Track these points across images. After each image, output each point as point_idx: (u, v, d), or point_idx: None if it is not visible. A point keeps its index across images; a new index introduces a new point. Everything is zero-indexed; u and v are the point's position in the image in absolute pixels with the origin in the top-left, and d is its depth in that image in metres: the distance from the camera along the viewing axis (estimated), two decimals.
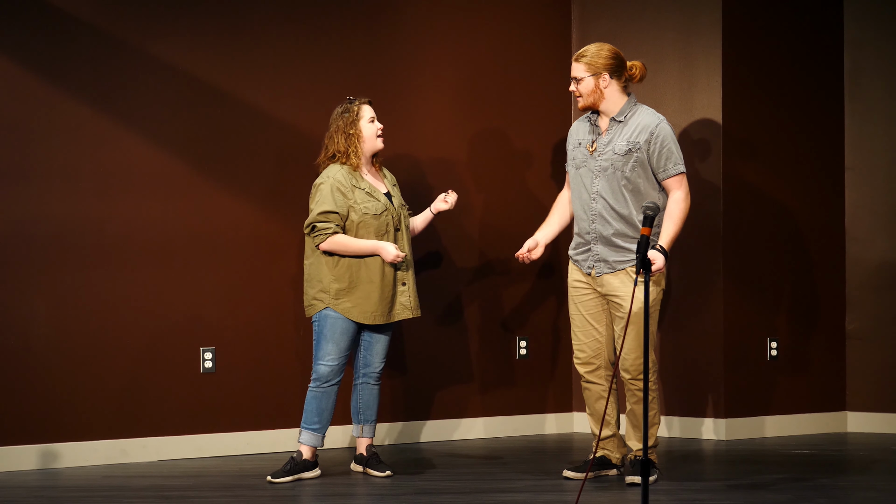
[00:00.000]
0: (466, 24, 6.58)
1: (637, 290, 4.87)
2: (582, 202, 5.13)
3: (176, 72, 5.82)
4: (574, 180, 5.17)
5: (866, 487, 5.03)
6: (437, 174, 6.47)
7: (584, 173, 5.12)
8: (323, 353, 5.25)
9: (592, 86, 5.06)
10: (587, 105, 5.10)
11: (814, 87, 6.80)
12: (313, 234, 5.24)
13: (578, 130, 5.21)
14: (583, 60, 5.08)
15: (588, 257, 5.13)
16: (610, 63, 5.07)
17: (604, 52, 5.08)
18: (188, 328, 5.82)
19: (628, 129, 5.06)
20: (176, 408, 5.78)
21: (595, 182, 5.07)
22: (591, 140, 5.11)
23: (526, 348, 6.72)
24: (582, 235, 5.15)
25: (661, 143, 5.03)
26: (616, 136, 5.07)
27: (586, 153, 5.12)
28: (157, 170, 5.78)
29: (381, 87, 6.26)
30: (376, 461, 5.38)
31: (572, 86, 5.11)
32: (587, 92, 5.07)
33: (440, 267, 6.48)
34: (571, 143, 5.21)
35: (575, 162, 5.16)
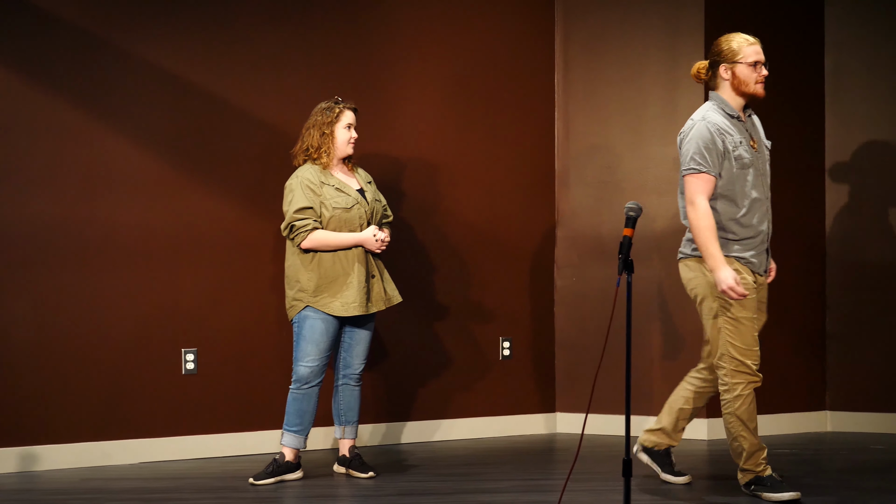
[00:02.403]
0: (451, 23, 6.58)
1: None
2: (755, 203, 4.73)
3: (159, 71, 5.79)
4: (737, 181, 4.70)
5: (847, 486, 5.05)
6: (422, 173, 6.47)
7: (754, 172, 4.73)
8: (303, 355, 5.25)
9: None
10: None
11: (795, 89, 6.83)
12: (293, 234, 5.24)
13: (728, 128, 4.72)
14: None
15: (762, 259, 4.77)
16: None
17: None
18: (170, 329, 5.79)
19: (757, 123, 4.85)
20: (157, 409, 5.76)
21: (764, 180, 4.76)
22: (750, 136, 4.76)
23: (509, 349, 6.72)
24: (757, 237, 4.74)
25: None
26: (759, 130, 4.83)
27: (751, 150, 4.73)
28: (139, 170, 5.75)
29: (365, 88, 6.25)
30: (359, 462, 5.37)
31: (764, 70, 4.73)
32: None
33: (424, 267, 6.47)
34: (730, 142, 4.70)
35: (742, 161, 4.71)
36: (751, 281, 4.74)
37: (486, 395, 6.64)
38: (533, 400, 6.79)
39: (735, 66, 4.72)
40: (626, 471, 4.00)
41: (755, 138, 4.78)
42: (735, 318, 4.70)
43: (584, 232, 6.81)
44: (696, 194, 4.66)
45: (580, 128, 6.85)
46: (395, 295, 5.42)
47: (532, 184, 6.83)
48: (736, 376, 4.74)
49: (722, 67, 4.75)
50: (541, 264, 6.83)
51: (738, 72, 4.72)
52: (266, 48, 6.04)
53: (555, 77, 6.91)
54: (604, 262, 6.70)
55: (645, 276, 6.49)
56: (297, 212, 5.22)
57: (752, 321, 4.73)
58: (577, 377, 6.79)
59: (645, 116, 6.65)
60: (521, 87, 6.80)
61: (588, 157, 6.82)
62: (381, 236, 5.28)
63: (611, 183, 6.73)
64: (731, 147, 4.70)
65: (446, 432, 6.52)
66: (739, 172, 4.71)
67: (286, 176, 5.37)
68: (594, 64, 6.79)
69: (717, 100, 4.77)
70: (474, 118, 6.64)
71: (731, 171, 4.70)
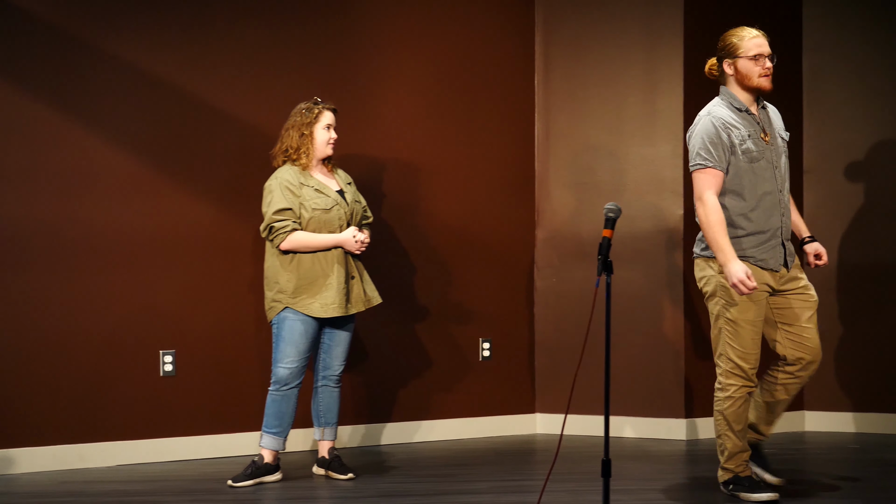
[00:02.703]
0: (431, 25, 6.58)
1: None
2: (768, 197, 4.68)
3: (136, 71, 5.77)
4: (745, 175, 4.66)
5: (824, 486, 5.07)
6: (402, 174, 6.46)
7: (765, 165, 4.68)
8: (282, 356, 5.23)
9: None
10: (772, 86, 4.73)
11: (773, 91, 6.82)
12: (272, 235, 5.23)
13: (735, 122, 4.70)
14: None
15: (776, 254, 4.69)
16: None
17: None
18: (147, 331, 5.77)
19: (773, 116, 4.80)
20: (135, 411, 5.74)
21: (777, 173, 4.71)
22: (762, 129, 4.72)
23: (489, 350, 6.72)
24: (768, 231, 4.68)
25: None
26: (774, 122, 4.78)
27: (762, 143, 4.69)
28: (116, 170, 5.73)
29: (345, 88, 6.24)
30: (338, 464, 5.36)
31: (768, 63, 4.71)
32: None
33: (403, 268, 6.47)
34: (736, 136, 4.68)
35: (750, 155, 4.67)
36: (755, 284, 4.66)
37: (465, 396, 6.63)
38: (512, 401, 6.79)
39: (737, 61, 4.73)
40: (605, 471, 4.00)
41: (768, 131, 4.74)
42: (734, 320, 4.69)
43: (563, 233, 6.82)
44: (704, 189, 4.64)
45: (560, 129, 6.86)
46: (375, 296, 5.41)
47: (512, 185, 6.84)
48: (730, 377, 4.74)
49: (725, 63, 4.76)
50: (520, 265, 6.84)
51: (740, 66, 4.72)
52: (245, 48, 6.03)
53: (535, 78, 6.92)
54: (583, 263, 6.71)
55: (624, 277, 6.50)
56: (276, 213, 5.20)
57: (752, 325, 4.69)
58: (556, 378, 6.79)
59: (624, 118, 6.66)
60: (501, 89, 6.81)
61: (568, 159, 6.83)
62: (360, 237, 5.27)
63: (590, 184, 6.74)
64: (737, 141, 4.67)
65: (426, 433, 6.52)
66: (748, 166, 4.67)
67: (265, 176, 5.36)
68: (574, 65, 6.80)
69: (725, 94, 4.78)
70: (454, 119, 6.64)
71: (739, 166, 4.66)
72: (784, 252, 4.73)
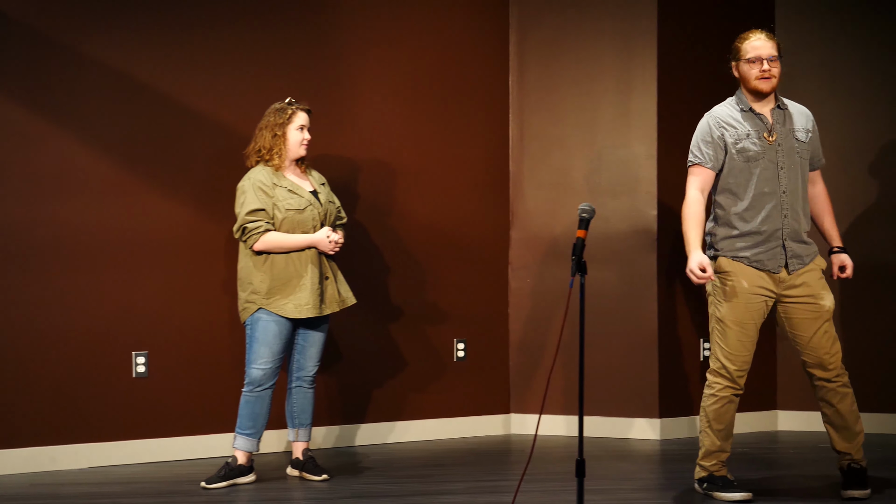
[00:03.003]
0: (406, 25, 6.57)
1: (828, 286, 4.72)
2: (765, 197, 4.69)
3: (110, 71, 5.74)
4: (740, 174, 4.71)
5: (797, 485, 5.10)
6: (377, 175, 6.45)
7: (765, 165, 4.69)
8: (256, 357, 5.22)
9: (779, 69, 4.76)
10: (773, 88, 4.73)
11: None
12: (245, 236, 5.21)
13: (734, 121, 4.75)
14: (775, 40, 4.76)
15: (774, 255, 4.70)
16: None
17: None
18: (120, 332, 5.74)
19: (795, 116, 4.79)
20: (107, 413, 5.70)
21: (781, 174, 4.70)
22: (767, 129, 4.73)
23: (464, 350, 6.72)
24: (765, 233, 4.69)
25: (817, 131, 4.86)
26: (790, 124, 4.76)
27: (764, 143, 4.70)
28: (89, 171, 5.69)
29: (320, 89, 6.22)
30: (313, 465, 5.35)
31: (766, 65, 4.70)
32: (778, 74, 4.73)
33: (378, 269, 6.46)
34: (732, 135, 4.72)
35: (746, 154, 4.70)
36: (745, 285, 4.69)
37: (440, 397, 6.63)
38: (487, 401, 6.79)
39: (739, 65, 4.80)
40: (579, 471, 4.01)
41: (775, 131, 4.74)
42: (722, 320, 4.72)
43: (538, 233, 6.83)
44: (690, 185, 4.78)
45: (534, 129, 6.87)
46: (349, 297, 5.40)
47: (486, 185, 6.84)
48: (716, 376, 4.77)
49: (732, 66, 4.85)
50: (495, 265, 6.84)
51: (741, 69, 4.79)
52: (220, 48, 6.00)
53: (509, 79, 6.92)
54: (557, 263, 6.72)
55: (598, 278, 6.51)
56: (249, 213, 5.19)
57: (739, 326, 4.70)
58: (531, 378, 6.80)
59: (598, 119, 6.68)
60: (476, 89, 6.81)
61: (542, 159, 6.84)
62: (334, 238, 5.26)
63: (564, 185, 6.75)
64: (731, 140, 4.73)
65: (401, 434, 6.51)
66: (743, 165, 4.70)
67: (239, 177, 5.34)
68: (548, 66, 6.81)
69: (737, 95, 4.85)
70: (429, 120, 6.64)
71: (733, 164, 4.71)
72: (785, 255, 4.72)
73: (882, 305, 6.74)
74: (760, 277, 4.72)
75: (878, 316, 6.73)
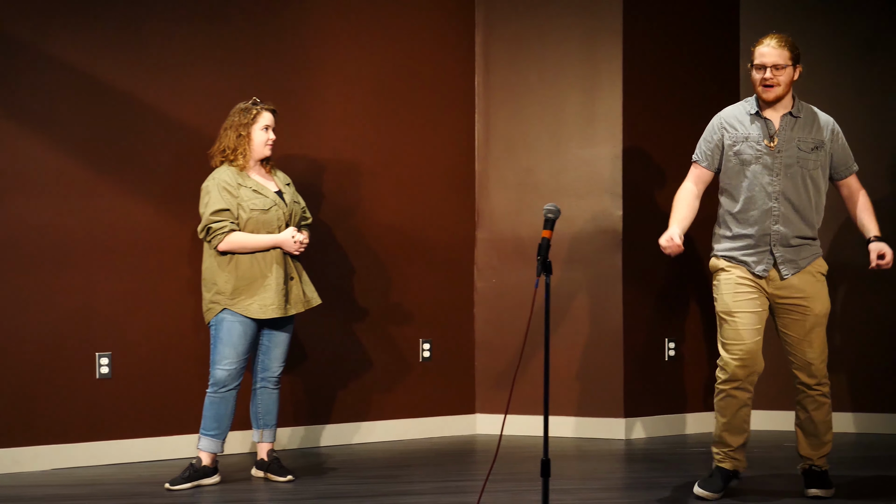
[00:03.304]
0: (371, 25, 6.56)
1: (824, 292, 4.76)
2: (757, 202, 4.75)
3: (72, 70, 5.70)
4: (736, 176, 4.77)
5: (761, 483, 5.13)
6: (342, 175, 6.44)
7: (759, 170, 4.74)
8: (220, 358, 5.19)
9: (791, 76, 4.74)
10: (779, 95, 4.74)
11: (710, 94, 6.92)
12: (210, 236, 5.19)
13: (738, 123, 4.81)
14: (787, 47, 4.74)
15: (762, 259, 4.75)
16: (799, 54, 4.82)
17: (795, 42, 4.82)
18: (83, 333, 5.70)
19: (808, 125, 4.78)
20: (71, 415, 5.66)
21: (776, 181, 4.73)
22: (770, 135, 4.75)
23: (429, 351, 6.72)
24: (754, 236, 4.76)
25: (842, 140, 4.84)
26: (797, 132, 4.76)
27: (763, 148, 4.74)
28: (50, 170, 5.65)
29: (285, 88, 6.20)
30: (277, 466, 5.33)
31: (768, 73, 4.71)
32: (786, 82, 4.72)
33: (343, 269, 6.44)
34: (731, 136, 4.80)
35: (741, 157, 4.76)
36: (734, 276, 4.75)
37: (406, 397, 6.63)
38: (453, 401, 6.80)
39: (750, 70, 4.85)
40: (544, 471, 4.01)
41: (778, 138, 4.77)
42: (718, 312, 4.82)
43: (503, 234, 6.84)
44: (687, 177, 4.93)
45: (500, 130, 6.87)
46: (315, 297, 5.39)
47: (452, 186, 6.84)
48: (719, 370, 4.83)
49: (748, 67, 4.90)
50: (461, 266, 6.84)
51: (751, 75, 4.84)
52: (183, 47, 5.97)
53: (475, 80, 6.93)
54: (523, 263, 6.73)
55: (564, 278, 6.54)
56: (213, 214, 5.16)
57: (732, 316, 4.74)
58: (496, 378, 6.81)
59: (564, 119, 6.70)
60: (442, 90, 6.81)
61: (507, 160, 6.85)
62: (299, 238, 5.24)
63: (530, 185, 6.77)
64: (729, 142, 4.81)
65: (366, 435, 6.50)
66: (739, 168, 4.78)
67: (203, 177, 5.31)
68: (514, 67, 6.83)
69: (755, 95, 4.88)
70: (394, 120, 6.63)
71: (729, 166, 4.81)
72: (774, 260, 4.75)
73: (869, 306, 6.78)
74: (751, 272, 4.79)
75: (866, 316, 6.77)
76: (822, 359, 4.81)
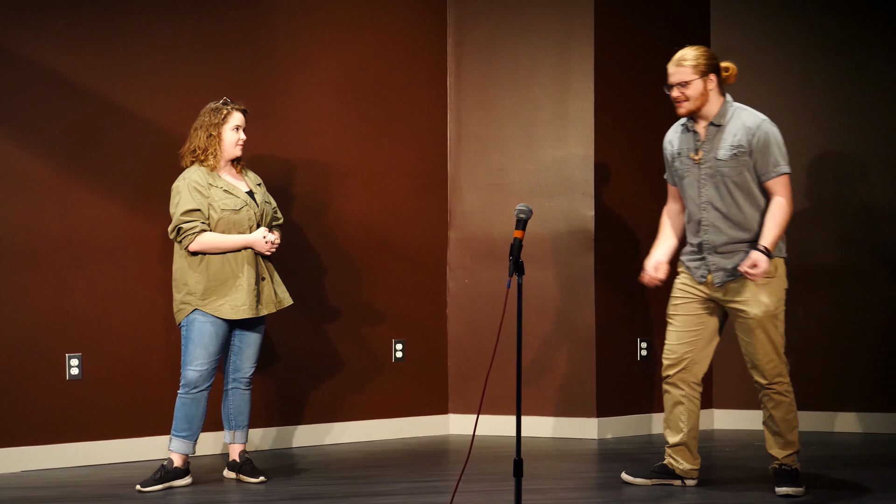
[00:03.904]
0: (344, 25, 6.55)
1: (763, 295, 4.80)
2: (691, 212, 4.96)
3: (44, 69, 5.66)
4: (681, 190, 5.00)
5: (732, 482, 5.16)
6: (314, 175, 6.43)
7: (690, 183, 4.92)
8: (192, 359, 5.17)
9: (701, 89, 4.84)
10: (691, 110, 4.86)
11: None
12: (180, 237, 5.17)
13: (674, 140, 5.01)
14: (687, 64, 4.84)
15: (701, 265, 4.93)
16: (713, 64, 4.87)
17: (706, 53, 4.88)
18: (53, 334, 5.66)
19: (730, 132, 4.85)
20: (41, 416, 5.62)
21: (702, 191, 4.89)
22: (695, 148, 4.91)
23: (402, 351, 6.72)
24: (694, 244, 4.96)
25: (764, 143, 4.82)
26: (717, 142, 4.86)
27: (689, 162, 4.92)
28: (22, 169, 5.61)
29: (256, 87, 6.19)
30: (250, 467, 5.31)
31: (675, 92, 4.85)
32: (695, 96, 4.83)
33: (315, 269, 6.43)
34: (669, 153, 5.02)
35: (678, 172, 4.97)
36: (679, 284, 5.03)
37: (378, 398, 6.62)
38: (426, 402, 6.80)
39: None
40: (517, 471, 4.02)
41: (702, 150, 4.89)
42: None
43: (475, 234, 6.84)
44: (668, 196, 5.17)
45: (472, 130, 6.88)
46: (286, 297, 5.38)
47: (424, 186, 6.84)
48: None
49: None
50: (433, 266, 6.84)
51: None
52: (156, 46, 5.95)
53: (447, 80, 6.93)
54: (495, 263, 6.73)
55: (536, 278, 6.55)
56: (184, 214, 5.14)
57: (669, 321, 5.04)
58: (469, 379, 6.81)
59: (536, 120, 6.71)
60: (414, 90, 6.80)
61: (480, 160, 6.86)
62: (270, 238, 5.23)
63: (502, 185, 6.77)
64: (669, 158, 5.06)
65: (338, 435, 6.49)
66: (679, 182, 5.02)
67: (174, 177, 5.29)
68: (486, 67, 6.83)
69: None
70: (366, 120, 6.63)
71: (676, 180, 5.05)
72: (708, 267, 4.93)
73: (811, 306, 6.83)
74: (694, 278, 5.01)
75: (807, 316, 6.82)
76: (770, 359, 4.89)
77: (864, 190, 6.86)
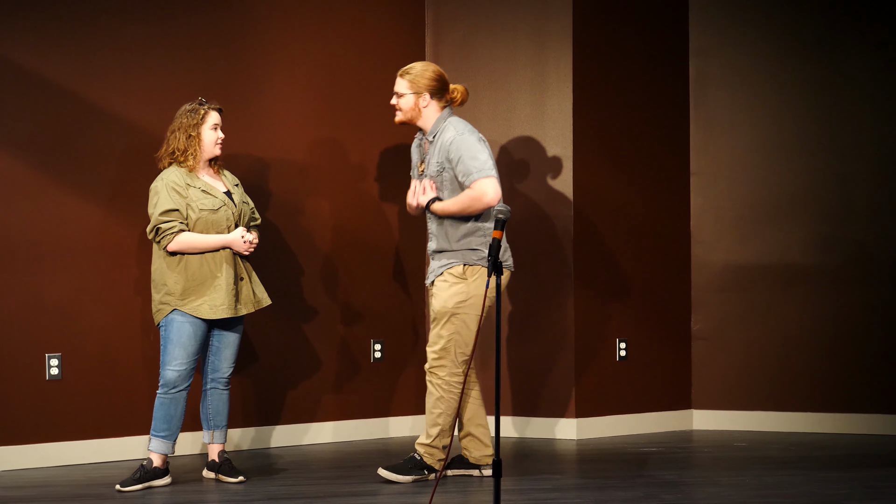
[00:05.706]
0: (319, 24, 6.55)
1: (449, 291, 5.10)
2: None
3: (17, 68, 5.64)
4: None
5: (711, 483, 5.18)
6: (290, 175, 6.43)
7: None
8: (170, 359, 5.17)
9: (412, 103, 5.20)
10: (404, 120, 5.24)
11: (660, 95, 6.98)
12: (159, 237, 5.16)
13: (413, 151, 5.38)
14: (406, 77, 5.21)
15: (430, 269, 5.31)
16: (432, 84, 5.19)
17: (428, 72, 5.20)
18: (33, 334, 5.64)
19: (436, 148, 5.20)
20: (20, 416, 5.61)
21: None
22: (420, 160, 5.29)
23: (381, 351, 6.72)
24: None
25: (457, 157, 5.12)
26: (430, 157, 5.22)
27: (416, 172, 5.31)
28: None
29: (231, 88, 6.18)
30: (228, 467, 5.31)
31: (393, 99, 5.23)
32: (406, 108, 5.21)
33: (293, 269, 6.43)
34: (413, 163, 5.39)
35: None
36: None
37: (357, 398, 6.62)
38: (405, 402, 6.80)
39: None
40: (495, 471, 4.03)
41: (427, 161, 5.24)
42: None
43: None
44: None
45: None
46: (265, 297, 5.38)
47: (400, 185, 6.84)
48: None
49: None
50: (411, 267, 6.85)
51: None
52: (129, 45, 5.93)
53: None
54: None
55: (514, 278, 6.55)
56: (162, 214, 5.14)
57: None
58: None
59: (514, 119, 6.72)
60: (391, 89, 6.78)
61: None
62: (249, 238, 5.23)
63: None
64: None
65: (316, 435, 6.49)
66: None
67: (150, 176, 5.28)
68: (463, 66, 6.84)
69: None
70: (343, 119, 6.63)
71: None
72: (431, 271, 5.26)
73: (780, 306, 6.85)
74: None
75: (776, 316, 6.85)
76: (430, 344, 5.20)
77: (843, 190, 6.89)
